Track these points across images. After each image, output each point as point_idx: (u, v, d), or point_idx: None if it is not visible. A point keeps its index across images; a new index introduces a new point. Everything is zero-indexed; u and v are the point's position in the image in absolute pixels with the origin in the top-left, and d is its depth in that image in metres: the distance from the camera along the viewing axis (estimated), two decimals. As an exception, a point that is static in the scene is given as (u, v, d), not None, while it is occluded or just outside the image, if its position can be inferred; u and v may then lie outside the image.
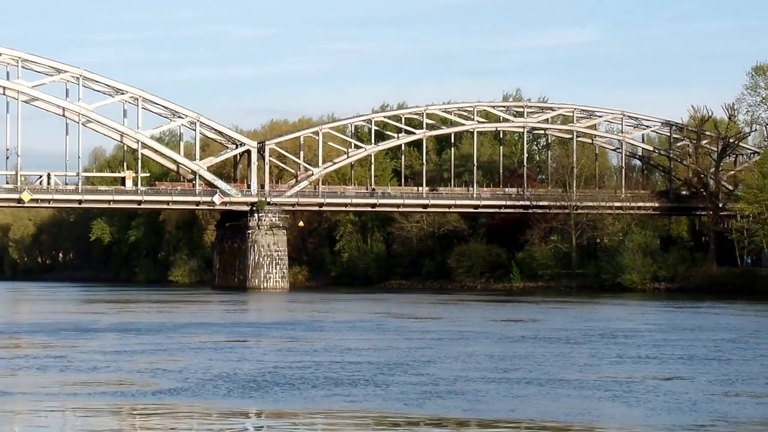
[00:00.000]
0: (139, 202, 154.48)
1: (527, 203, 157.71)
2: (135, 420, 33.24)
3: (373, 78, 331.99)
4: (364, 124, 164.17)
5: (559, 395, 37.29)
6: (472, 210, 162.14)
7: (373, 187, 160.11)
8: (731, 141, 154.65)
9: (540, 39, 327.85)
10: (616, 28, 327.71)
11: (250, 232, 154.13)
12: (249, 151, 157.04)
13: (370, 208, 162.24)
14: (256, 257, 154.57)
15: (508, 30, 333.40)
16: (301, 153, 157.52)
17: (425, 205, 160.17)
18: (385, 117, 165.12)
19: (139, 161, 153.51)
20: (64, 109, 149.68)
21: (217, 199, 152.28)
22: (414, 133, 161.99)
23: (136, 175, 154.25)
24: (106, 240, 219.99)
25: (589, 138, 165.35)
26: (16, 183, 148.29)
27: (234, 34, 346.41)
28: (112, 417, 33.28)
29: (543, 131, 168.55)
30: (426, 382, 40.44)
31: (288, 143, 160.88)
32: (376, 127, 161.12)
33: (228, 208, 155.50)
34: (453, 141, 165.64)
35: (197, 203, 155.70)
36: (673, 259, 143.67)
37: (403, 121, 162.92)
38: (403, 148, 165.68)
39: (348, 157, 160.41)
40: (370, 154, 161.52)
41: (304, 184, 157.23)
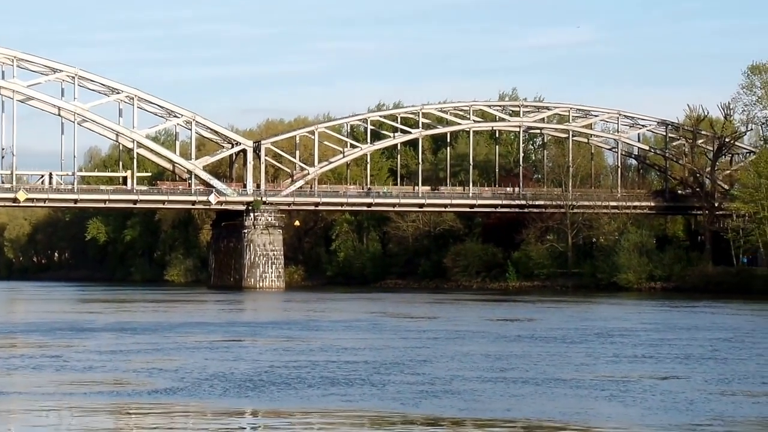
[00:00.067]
0: (134, 202, 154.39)
1: (523, 203, 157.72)
2: (131, 419, 33.18)
3: (369, 78, 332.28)
4: (360, 123, 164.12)
5: (555, 395, 37.27)
6: (468, 209, 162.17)
7: (369, 186, 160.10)
8: (727, 140, 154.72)
9: (536, 38, 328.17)
10: (612, 27, 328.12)
11: (246, 231, 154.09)
12: (245, 151, 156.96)
13: (366, 208, 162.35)
14: (252, 257, 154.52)
15: (504, 29, 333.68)
16: (297, 152, 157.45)
17: (421, 205, 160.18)
18: (381, 116, 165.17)
19: (135, 161, 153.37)
20: (59, 108, 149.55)
21: (212, 198, 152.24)
22: (410, 132, 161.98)
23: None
24: (102, 239, 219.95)
25: (585, 137, 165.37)
26: (11, 182, 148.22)
27: (230, 34, 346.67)
28: (108, 416, 33.22)
29: (539, 131, 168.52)
30: (422, 381, 40.41)
31: (284, 143, 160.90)
32: (372, 127, 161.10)
33: (224, 207, 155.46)
34: (449, 140, 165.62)
35: (193, 203, 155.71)
36: (668, 259, 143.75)
37: (399, 120, 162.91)
38: (399, 147, 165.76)
39: (344, 156, 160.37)
40: (366, 153, 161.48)
41: (300, 183, 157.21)
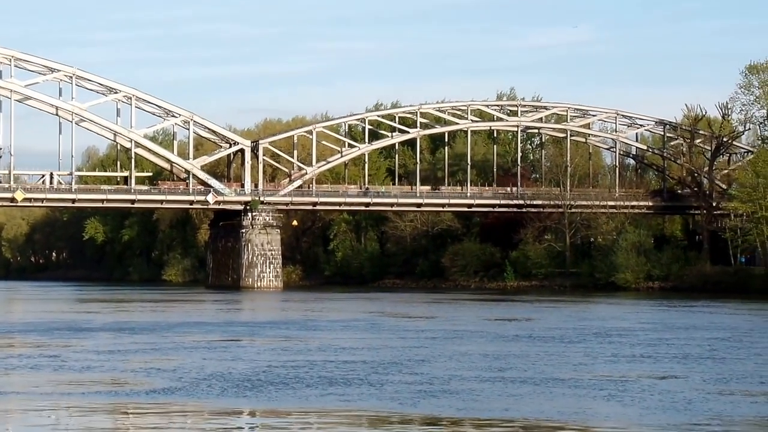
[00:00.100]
0: (132, 201, 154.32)
1: (521, 202, 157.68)
2: (129, 419, 33.16)
3: (367, 77, 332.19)
4: (358, 123, 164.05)
5: (553, 394, 37.26)
6: (466, 209, 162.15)
7: (367, 186, 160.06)
8: (725, 140, 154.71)
9: (534, 38, 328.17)
10: (610, 27, 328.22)
11: (244, 231, 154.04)
12: (243, 150, 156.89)
13: (363, 208, 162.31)
14: (250, 256, 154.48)
15: (502, 29, 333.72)
16: (295, 152, 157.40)
17: (419, 204, 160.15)
18: (378, 116, 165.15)
19: (133, 160, 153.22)
20: (57, 108, 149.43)
21: (210, 198, 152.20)
22: (408, 132, 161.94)
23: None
24: (100, 239, 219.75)
25: (583, 137, 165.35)
26: (9, 182, 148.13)
27: (228, 33, 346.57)
28: (106, 416, 33.20)
29: (537, 130, 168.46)
30: (420, 381, 40.39)
31: (282, 142, 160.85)
32: (370, 126, 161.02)
33: (222, 207, 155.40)
34: (447, 140, 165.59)
35: (191, 202, 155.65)
36: (666, 258, 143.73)
37: (396, 120, 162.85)
38: (396, 147, 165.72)
39: (342, 156, 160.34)
40: (363, 153, 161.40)
41: (298, 183, 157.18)
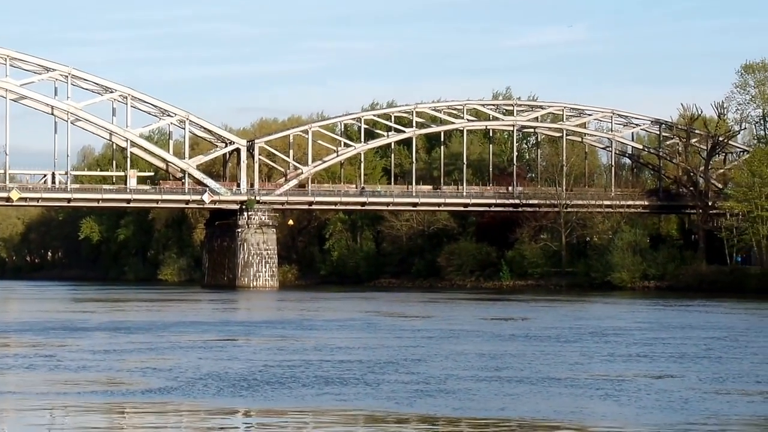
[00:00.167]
0: (128, 201, 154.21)
1: (517, 202, 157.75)
2: (125, 419, 33.12)
3: (363, 77, 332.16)
4: (354, 122, 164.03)
5: (549, 394, 37.23)
6: (462, 208, 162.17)
7: (362, 185, 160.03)
8: (720, 139, 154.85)
9: (530, 37, 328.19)
10: (605, 26, 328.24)
11: (240, 230, 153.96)
12: (238, 150, 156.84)
13: (359, 207, 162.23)
14: (246, 256, 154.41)
15: (498, 29, 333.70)
16: (291, 151, 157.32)
17: (415, 204, 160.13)
18: (374, 115, 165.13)
19: (128, 160, 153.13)
20: (52, 107, 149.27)
21: (206, 197, 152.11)
22: (404, 131, 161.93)
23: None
24: (95, 239, 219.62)
25: (579, 136, 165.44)
26: (4, 181, 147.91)
27: (227, 33, 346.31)
28: (101, 416, 33.15)
29: (533, 130, 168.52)
30: (416, 380, 40.36)
31: (277, 142, 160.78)
32: (366, 126, 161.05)
33: (217, 206, 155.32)
34: (443, 139, 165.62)
35: (186, 202, 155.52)
36: (662, 258, 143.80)
37: (392, 119, 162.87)
38: (392, 146, 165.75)
39: (338, 155, 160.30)
40: (359, 152, 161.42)
41: (294, 182, 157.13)
